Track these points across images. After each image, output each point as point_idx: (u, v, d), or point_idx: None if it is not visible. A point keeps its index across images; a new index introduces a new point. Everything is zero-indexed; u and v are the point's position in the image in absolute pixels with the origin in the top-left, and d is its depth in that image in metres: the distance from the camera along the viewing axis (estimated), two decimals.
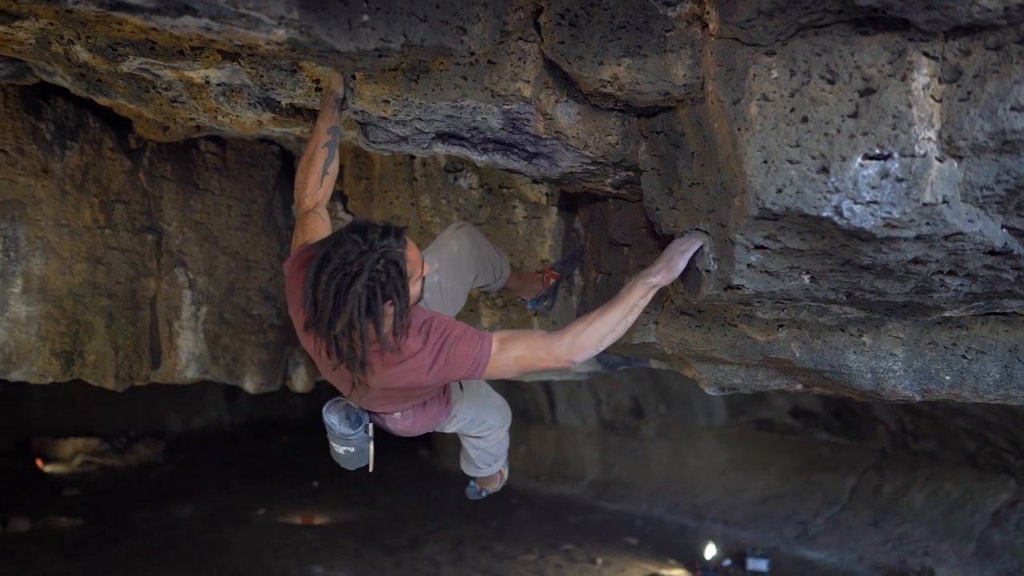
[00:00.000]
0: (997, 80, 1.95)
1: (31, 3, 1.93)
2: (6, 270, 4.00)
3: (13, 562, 8.10)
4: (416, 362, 2.47)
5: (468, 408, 3.19)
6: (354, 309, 2.26)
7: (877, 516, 9.47)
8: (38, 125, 4.04)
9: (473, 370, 2.51)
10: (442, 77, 2.58)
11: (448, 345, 2.48)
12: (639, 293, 2.59)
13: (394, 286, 2.31)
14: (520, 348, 2.53)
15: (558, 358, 2.53)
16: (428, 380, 2.52)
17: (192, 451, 13.35)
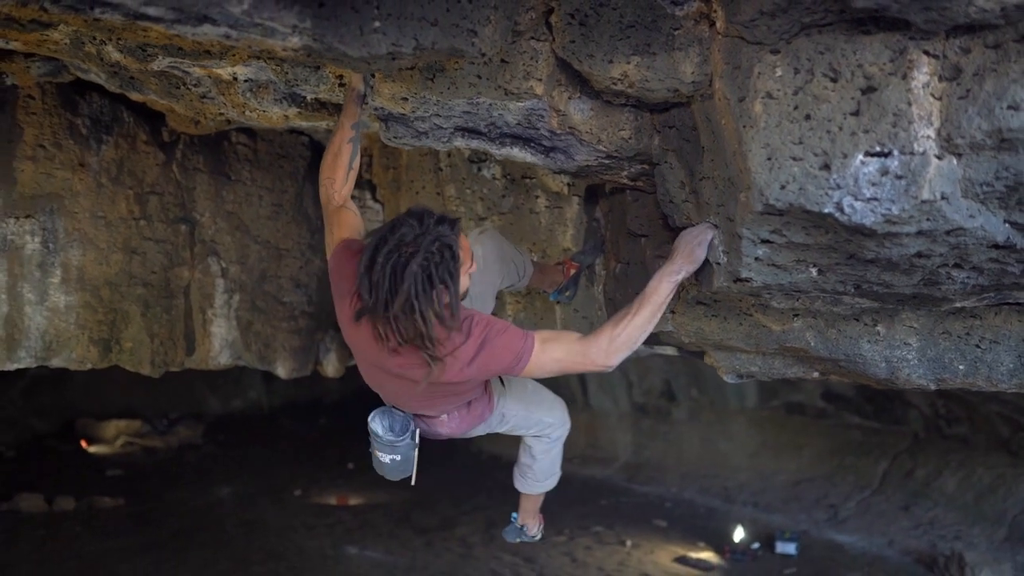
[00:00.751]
0: (995, 78, 1.98)
1: (60, 13, 2.03)
2: (45, 261, 4.14)
3: (60, 539, 8.36)
4: (460, 353, 2.49)
5: (514, 404, 3.16)
6: (411, 288, 2.31)
7: (908, 500, 9.45)
8: (74, 120, 4.17)
9: (514, 364, 2.52)
10: (457, 76, 2.65)
11: (492, 337, 2.50)
12: (666, 289, 2.63)
13: (447, 269, 2.36)
14: (559, 350, 2.55)
15: (595, 362, 2.56)
16: (470, 373, 2.53)
17: (231, 433, 13.59)
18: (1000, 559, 7.94)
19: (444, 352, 2.47)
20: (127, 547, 8.16)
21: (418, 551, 8.35)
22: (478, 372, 2.55)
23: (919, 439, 10.03)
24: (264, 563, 7.87)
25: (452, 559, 8.19)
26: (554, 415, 3.41)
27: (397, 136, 3.14)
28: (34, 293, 4.11)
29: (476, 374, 2.56)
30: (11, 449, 11.55)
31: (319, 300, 5.59)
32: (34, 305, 4.12)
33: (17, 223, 4.00)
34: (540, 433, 3.43)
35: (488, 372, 2.57)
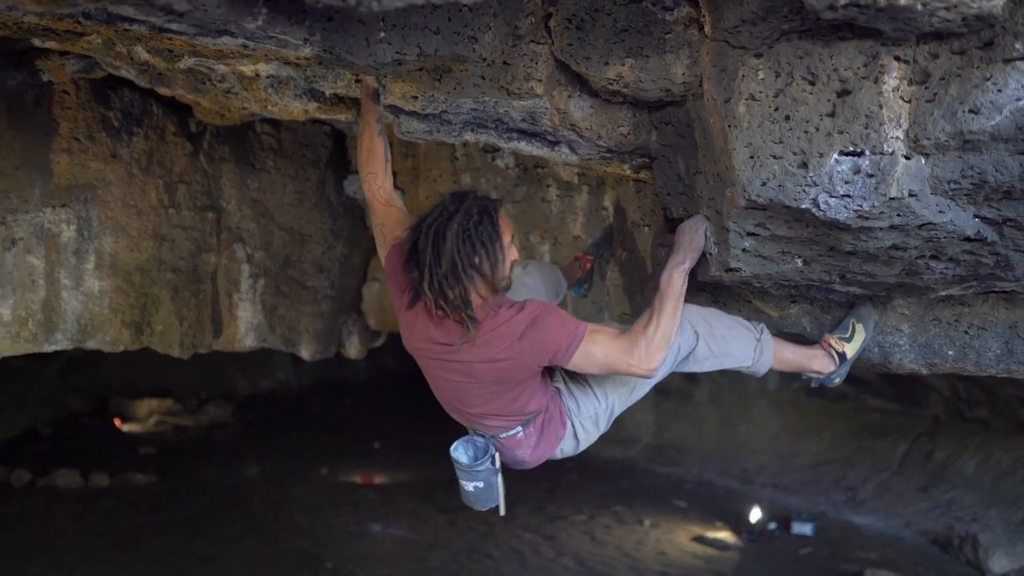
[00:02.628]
0: (959, 83, 2.11)
1: (94, 25, 2.20)
2: (80, 248, 4.35)
3: (95, 514, 8.65)
4: (510, 326, 2.52)
5: (585, 401, 2.93)
6: (453, 246, 2.41)
7: (927, 482, 9.53)
8: (107, 114, 4.37)
9: (566, 347, 2.53)
10: (462, 77, 2.81)
11: (544, 316, 2.54)
12: (678, 281, 2.73)
13: (487, 231, 2.46)
14: (606, 346, 2.58)
15: (639, 367, 2.59)
16: (520, 349, 2.53)
17: (259, 412, 13.87)
18: (1015, 541, 8.02)
19: (494, 324, 2.52)
20: (159, 522, 8.44)
21: (441, 529, 8.56)
22: (529, 351, 2.54)
23: (939, 421, 10.08)
24: (291, 539, 8.12)
25: (474, 537, 8.40)
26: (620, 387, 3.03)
27: (410, 131, 3.30)
28: (70, 279, 4.33)
29: (526, 353, 2.55)
30: (48, 427, 11.89)
31: (341, 284, 5.78)
32: (70, 290, 4.34)
33: (54, 212, 4.22)
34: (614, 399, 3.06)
35: (538, 352, 2.55)
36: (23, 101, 4.02)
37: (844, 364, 3.23)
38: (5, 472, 9.56)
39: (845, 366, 3.24)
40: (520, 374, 2.63)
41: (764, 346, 3.07)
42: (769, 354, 3.09)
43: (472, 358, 2.59)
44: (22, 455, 10.30)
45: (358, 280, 5.91)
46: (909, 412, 10.36)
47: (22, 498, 9.01)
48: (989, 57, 2.06)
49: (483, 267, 2.48)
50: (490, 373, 2.62)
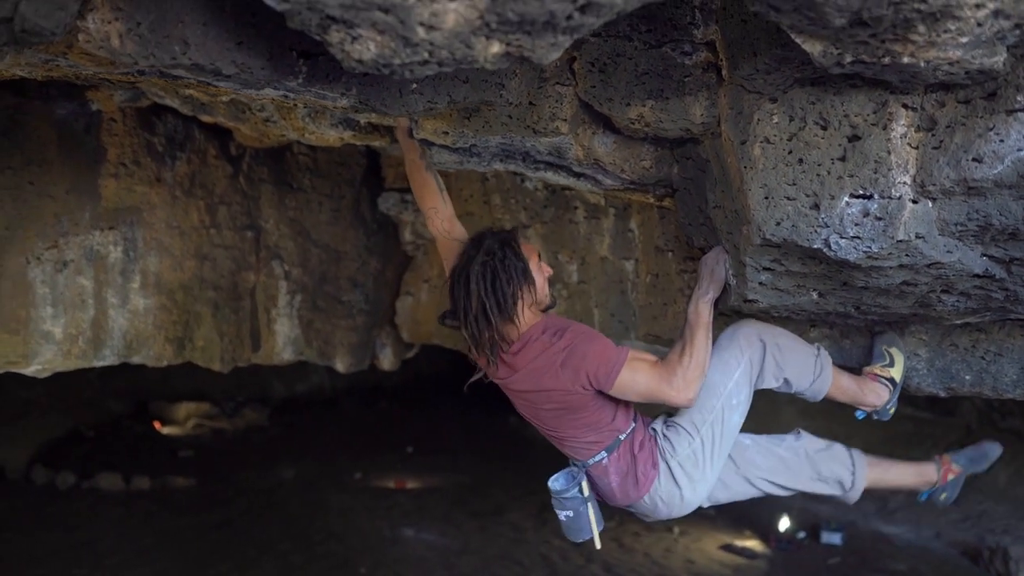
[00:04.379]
0: (964, 132, 2.20)
1: (149, 78, 2.36)
2: (126, 268, 4.54)
3: (136, 517, 8.89)
4: (550, 356, 2.62)
5: (679, 439, 2.87)
6: (478, 286, 2.56)
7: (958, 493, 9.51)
8: (151, 140, 4.56)
9: (605, 373, 2.60)
10: (490, 116, 2.94)
11: (582, 342, 2.63)
12: (704, 311, 2.85)
13: (511, 264, 2.60)
14: (646, 374, 2.65)
15: (676, 398, 2.67)
16: (565, 378, 2.61)
17: (295, 415, 14.10)
18: None
19: (537, 351, 2.63)
20: (198, 525, 8.65)
21: (472, 535, 8.70)
22: (572, 378, 2.62)
23: (972, 431, 10.05)
24: (325, 543, 8.30)
25: (504, 543, 8.53)
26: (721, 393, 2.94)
27: (441, 162, 3.44)
28: (117, 297, 4.52)
29: (570, 381, 2.62)
30: (90, 429, 12.18)
31: (375, 298, 5.93)
32: (117, 308, 4.52)
33: (102, 235, 4.41)
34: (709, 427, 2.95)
35: (581, 379, 2.62)
36: (73, 129, 4.21)
37: (895, 391, 3.27)
38: (51, 474, 9.85)
39: (896, 393, 3.28)
40: (575, 399, 2.70)
41: (824, 365, 3.07)
42: (828, 374, 3.08)
43: (527, 387, 2.72)
44: (67, 457, 10.58)
45: (392, 294, 6.06)
46: (941, 421, 10.34)
47: (67, 500, 9.28)
48: (992, 108, 2.15)
49: (514, 297, 2.61)
50: (546, 400, 2.73)
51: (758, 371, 2.95)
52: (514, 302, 2.63)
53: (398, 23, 1.62)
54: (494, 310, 2.58)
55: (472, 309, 2.57)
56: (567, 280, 4.76)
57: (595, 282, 4.59)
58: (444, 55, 1.74)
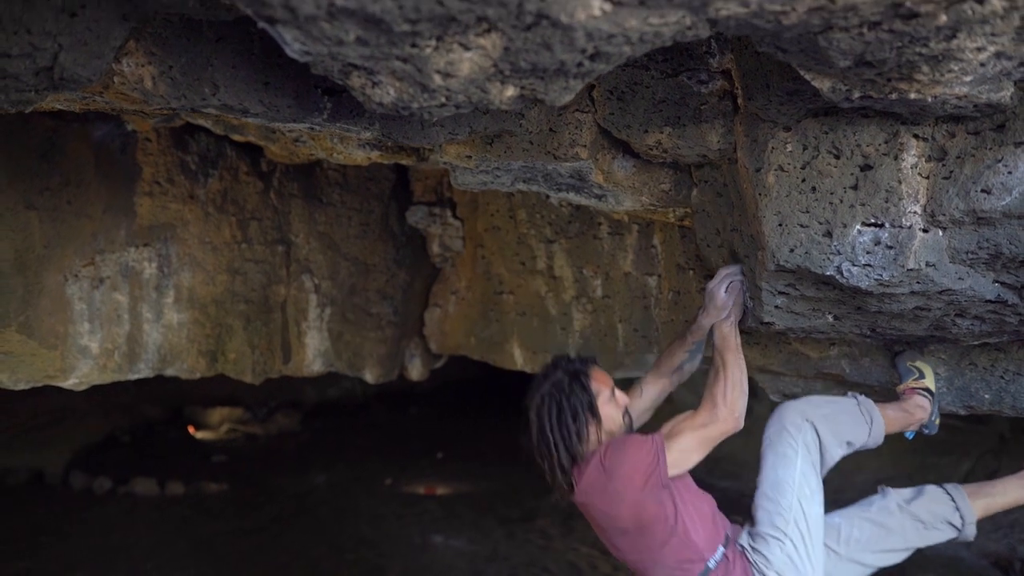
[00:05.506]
0: (973, 163, 2.24)
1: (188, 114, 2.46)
2: (161, 283, 4.66)
3: (171, 522, 9.04)
4: (592, 481, 2.61)
5: (768, 548, 2.74)
6: (543, 419, 2.62)
7: None
8: (184, 158, 4.67)
9: (654, 462, 2.56)
10: (512, 142, 3.02)
11: (610, 454, 2.60)
12: (730, 334, 2.91)
13: (579, 399, 2.62)
14: (690, 433, 2.65)
15: (726, 430, 2.69)
16: (610, 499, 2.59)
17: (326, 420, 14.22)
18: None
19: (588, 477, 2.60)
20: (231, 531, 8.78)
21: (500, 542, 8.76)
22: (626, 488, 2.57)
23: (1005, 439, 9.96)
24: (355, 550, 8.39)
25: (532, 550, 8.58)
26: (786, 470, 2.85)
27: (465, 183, 3.52)
28: (151, 312, 4.64)
29: (627, 491, 2.57)
30: (126, 434, 12.38)
31: (404, 310, 6.02)
32: (151, 323, 4.64)
33: (137, 251, 4.52)
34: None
35: (635, 485, 2.57)
36: (110, 150, 4.33)
37: (935, 400, 3.26)
38: (88, 479, 10.04)
39: (936, 403, 3.27)
40: (641, 512, 2.61)
41: (870, 410, 3.02)
42: (878, 416, 3.03)
43: (595, 510, 2.68)
44: (103, 462, 10.77)
45: (420, 306, 6.15)
46: (973, 429, 10.24)
47: (103, 505, 9.45)
48: (1001, 140, 2.19)
49: (579, 435, 2.62)
50: (615, 521, 2.65)
51: (817, 451, 2.87)
52: (579, 438, 2.63)
53: (416, 71, 1.70)
54: (559, 445, 2.61)
55: (537, 440, 2.63)
56: (591, 295, 4.83)
57: (619, 297, 4.65)
58: (461, 99, 1.81)
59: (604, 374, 2.76)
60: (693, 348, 3.11)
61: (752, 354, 3.72)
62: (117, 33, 1.93)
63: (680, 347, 3.13)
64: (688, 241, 3.77)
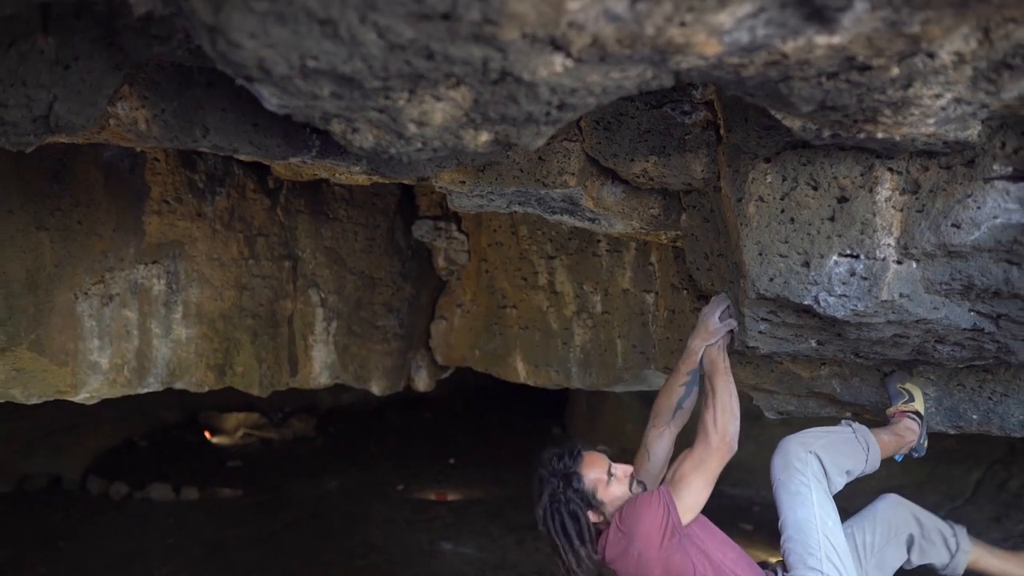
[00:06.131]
0: (944, 197, 2.30)
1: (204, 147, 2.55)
2: (169, 300, 4.76)
3: (186, 528, 9.16)
4: (617, 547, 2.70)
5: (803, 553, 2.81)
6: (548, 528, 2.75)
7: (1000, 511, 9.41)
8: (192, 177, 4.77)
9: (668, 514, 2.63)
10: (503, 169, 3.09)
11: (624, 519, 2.70)
12: (717, 358, 3.01)
13: (576, 504, 2.70)
14: (692, 475, 2.74)
15: (721, 455, 2.80)
16: (643, 557, 2.64)
17: (340, 425, 14.33)
18: None
19: (609, 551, 2.71)
20: (245, 536, 8.89)
21: (509, 549, 8.82)
22: (646, 548, 2.64)
23: (1015, 449, 9.93)
24: (366, 556, 8.49)
25: (540, 559, 8.63)
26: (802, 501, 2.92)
27: (462, 205, 3.59)
28: (160, 328, 4.74)
29: (646, 552, 2.64)
30: (143, 439, 12.54)
31: (410, 323, 6.10)
32: (160, 338, 4.74)
33: (146, 268, 4.62)
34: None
35: (653, 545, 2.64)
36: (119, 170, 4.43)
37: (923, 423, 3.35)
38: (105, 484, 10.18)
39: (924, 425, 3.36)
40: (669, 566, 2.66)
41: (866, 438, 3.11)
42: (874, 444, 3.12)
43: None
44: (120, 467, 10.92)
45: (426, 318, 6.23)
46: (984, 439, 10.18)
47: (120, 510, 9.59)
48: (971, 175, 2.25)
49: (588, 530, 2.72)
50: None
51: (825, 480, 2.93)
52: (590, 533, 2.74)
53: (391, 120, 1.77)
54: (569, 549, 2.72)
55: (552, 547, 2.75)
56: (592, 310, 4.89)
57: (618, 313, 4.71)
58: (437, 144, 1.89)
59: (597, 457, 2.83)
60: (688, 380, 3.14)
61: (744, 373, 3.78)
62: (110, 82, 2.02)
63: (675, 382, 3.18)
64: (681, 261, 3.82)
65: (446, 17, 1.39)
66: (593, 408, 12.44)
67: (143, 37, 1.86)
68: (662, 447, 3.11)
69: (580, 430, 13.60)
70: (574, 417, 12.89)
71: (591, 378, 5.08)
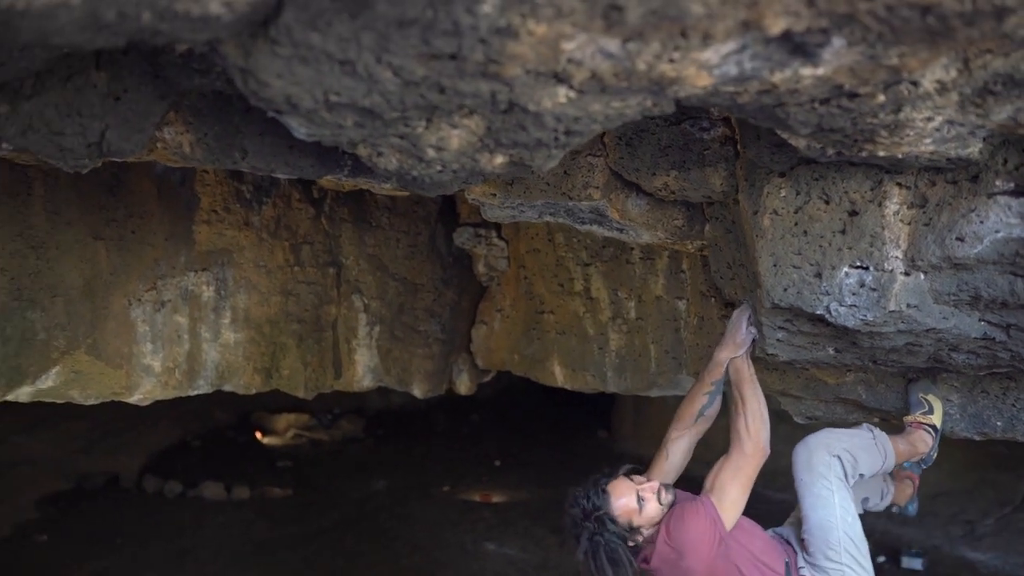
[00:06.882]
0: (950, 211, 2.37)
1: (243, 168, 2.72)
2: (218, 305, 4.97)
3: (236, 526, 9.42)
4: (664, 555, 2.78)
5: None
6: (595, 572, 2.74)
7: None
8: (240, 188, 4.97)
9: (714, 523, 2.74)
10: (530, 183, 3.22)
11: (672, 528, 2.77)
12: (743, 367, 3.09)
13: (614, 541, 2.74)
14: (731, 483, 2.83)
15: (756, 461, 2.90)
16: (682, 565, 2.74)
17: (389, 427, 14.54)
18: None
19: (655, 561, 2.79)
20: (293, 535, 9.12)
21: (551, 550, 8.92)
22: (693, 566, 2.74)
23: None
24: (410, 556, 8.66)
25: None
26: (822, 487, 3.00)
27: (495, 216, 3.73)
28: (209, 332, 4.94)
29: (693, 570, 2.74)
30: (197, 439, 12.87)
31: (451, 328, 6.25)
32: (209, 342, 4.95)
33: (196, 275, 4.83)
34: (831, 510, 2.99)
35: (701, 558, 2.73)
36: (170, 182, 4.64)
37: (937, 436, 3.42)
38: (160, 482, 10.51)
39: (937, 438, 3.43)
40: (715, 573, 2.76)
41: (883, 445, 3.19)
42: (891, 452, 3.21)
43: None
44: (175, 466, 11.24)
45: (467, 323, 6.37)
46: None
47: (174, 508, 9.89)
48: (975, 190, 2.32)
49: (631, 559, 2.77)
50: None
51: (846, 480, 3.02)
52: (635, 560, 2.81)
53: (411, 146, 1.91)
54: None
55: None
56: (626, 316, 4.99)
57: (651, 319, 4.81)
58: (455, 166, 2.02)
59: (622, 486, 2.86)
60: (712, 390, 3.20)
61: (771, 379, 3.86)
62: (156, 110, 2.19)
63: (699, 391, 3.24)
64: (708, 270, 3.91)
65: (453, 57, 1.52)
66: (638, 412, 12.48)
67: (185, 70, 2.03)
68: (680, 449, 3.18)
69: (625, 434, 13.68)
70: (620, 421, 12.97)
71: (626, 382, 5.18)
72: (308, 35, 1.45)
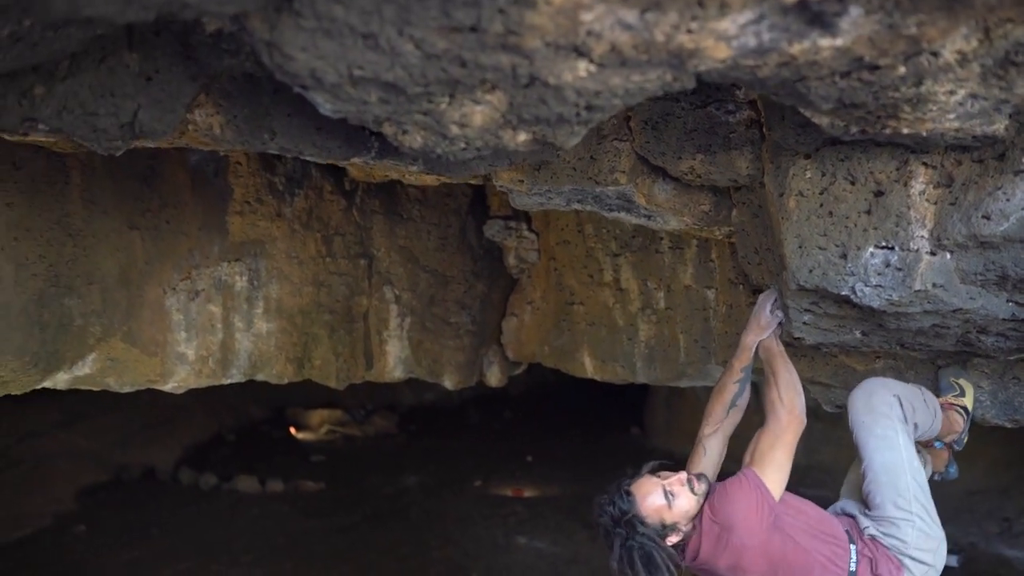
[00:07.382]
0: (976, 190, 2.36)
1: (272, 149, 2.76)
2: (251, 295, 5.04)
3: (270, 519, 9.53)
4: (713, 538, 2.65)
5: (898, 530, 2.75)
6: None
7: None
8: (272, 179, 5.04)
9: (763, 497, 2.62)
10: (557, 168, 3.24)
11: (720, 506, 2.65)
12: (772, 346, 3.03)
13: (647, 544, 2.59)
14: (771, 453, 2.72)
15: (794, 430, 2.79)
16: (743, 544, 2.61)
17: (422, 423, 14.61)
18: None
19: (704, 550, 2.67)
20: (326, 528, 9.20)
21: (581, 545, 8.93)
22: (746, 541, 2.61)
23: None
24: (442, 549, 8.71)
25: None
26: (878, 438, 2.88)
27: (523, 204, 3.75)
28: (242, 322, 5.01)
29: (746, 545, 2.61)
30: (231, 433, 13.01)
31: (482, 320, 6.28)
32: (242, 332, 5.02)
33: (229, 266, 4.91)
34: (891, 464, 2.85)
35: (753, 532, 2.61)
36: (204, 173, 4.72)
37: (968, 419, 3.35)
38: (195, 475, 10.65)
39: (968, 422, 3.36)
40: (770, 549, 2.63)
41: (935, 408, 3.10)
42: (940, 414, 3.12)
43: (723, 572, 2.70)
44: (210, 459, 11.38)
45: (498, 315, 6.39)
46: None
47: (209, 501, 10.02)
48: (1002, 168, 2.31)
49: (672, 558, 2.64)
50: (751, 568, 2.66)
51: (912, 426, 2.92)
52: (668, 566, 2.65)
53: (435, 123, 1.94)
54: None
55: None
56: (656, 306, 5.00)
57: (680, 309, 4.81)
58: (479, 143, 2.05)
59: (647, 485, 2.72)
60: (742, 377, 3.13)
61: (800, 366, 3.82)
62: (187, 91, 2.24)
63: (729, 379, 3.15)
64: (736, 257, 3.91)
65: (473, 29, 1.55)
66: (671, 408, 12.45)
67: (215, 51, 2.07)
68: (716, 444, 3.06)
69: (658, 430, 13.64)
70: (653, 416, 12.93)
71: (655, 373, 5.18)
72: (331, 7, 1.48)
